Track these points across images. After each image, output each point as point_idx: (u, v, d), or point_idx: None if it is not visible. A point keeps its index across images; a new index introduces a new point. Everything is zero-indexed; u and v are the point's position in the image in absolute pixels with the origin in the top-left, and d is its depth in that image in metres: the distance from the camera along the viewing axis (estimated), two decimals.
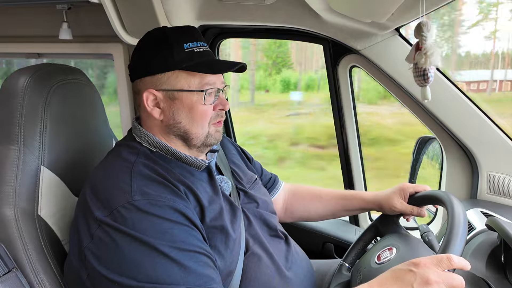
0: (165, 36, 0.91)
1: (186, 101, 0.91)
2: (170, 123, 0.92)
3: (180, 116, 0.91)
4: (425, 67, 0.91)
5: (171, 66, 0.90)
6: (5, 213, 0.86)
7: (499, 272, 0.99)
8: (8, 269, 0.83)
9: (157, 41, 0.92)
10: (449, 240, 0.80)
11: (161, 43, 0.91)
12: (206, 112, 0.93)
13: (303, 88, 9.29)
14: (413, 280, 0.71)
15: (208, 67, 0.91)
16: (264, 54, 9.06)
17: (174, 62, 0.89)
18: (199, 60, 0.91)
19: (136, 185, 0.80)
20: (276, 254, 1.00)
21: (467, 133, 1.36)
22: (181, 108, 0.91)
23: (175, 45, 0.90)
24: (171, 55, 0.89)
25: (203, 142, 0.95)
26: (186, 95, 0.90)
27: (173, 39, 0.90)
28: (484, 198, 1.39)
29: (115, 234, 0.76)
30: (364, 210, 1.27)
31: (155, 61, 0.91)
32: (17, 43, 1.77)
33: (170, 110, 0.91)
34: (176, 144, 0.95)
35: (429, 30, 0.90)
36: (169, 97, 0.91)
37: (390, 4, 0.98)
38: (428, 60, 0.90)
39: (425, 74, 0.92)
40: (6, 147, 0.91)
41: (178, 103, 0.91)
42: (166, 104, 0.91)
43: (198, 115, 0.92)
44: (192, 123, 0.92)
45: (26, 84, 0.92)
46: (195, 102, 0.91)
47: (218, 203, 0.91)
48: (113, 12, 1.28)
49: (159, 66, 0.90)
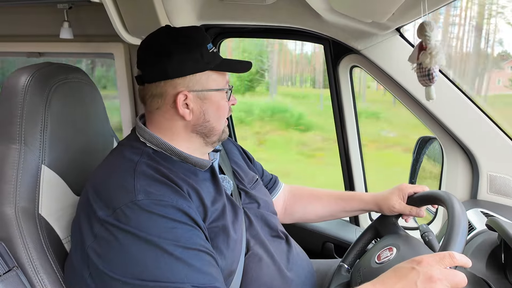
0: (191, 38, 0.91)
1: (215, 100, 0.94)
2: (199, 123, 0.94)
3: (209, 114, 0.94)
4: (430, 66, 0.91)
5: (202, 67, 0.92)
6: (5, 212, 0.86)
7: (499, 272, 0.99)
8: (9, 268, 0.83)
9: (183, 43, 0.90)
10: (449, 238, 0.80)
11: (189, 44, 0.90)
12: (227, 109, 0.98)
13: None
14: (417, 278, 0.71)
15: (231, 67, 0.97)
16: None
17: (204, 63, 0.91)
18: (220, 61, 0.94)
19: (140, 184, 0.80)
20: (277, 255, 1.00)
21: (467, 133, 1.36)
22: (210, 107, 0.94)
23: (203, 46, 0.92)
24: (201, 56, 0.91)
25: (218, 137, 0.99)
26: (215, 94, 0.94)
27: (200, 41, 0.92)
28: (484, 198, 1.39)
29: (119, 233, 0.76)
30: (363, 211, 1.27)
31: (187, 63, 0.90)
32: (18, 42, 1.77)
33: (200, 110, 0.93)
34: (195, 142, 0.96)
35: (432, 29, 0.90)
36: (199, 97, 0.92)
37: (391, 4, 0.98)
38: (433, 60, 0.90)
39: (430, 73, 0.92)
40: (7, 146, 0.91)
41: (208, 103, 0.93)
42: (196, 104, 0.92)
43: (223, 112, 0.97)
44: (218, 120, 0.97)
45: (27, 83, 0.92)
46: (221, 100, 0.95)
47: (221, 202, 0.92)
48: (114, 12, 1.29)
49: (191, 68, 0.90)
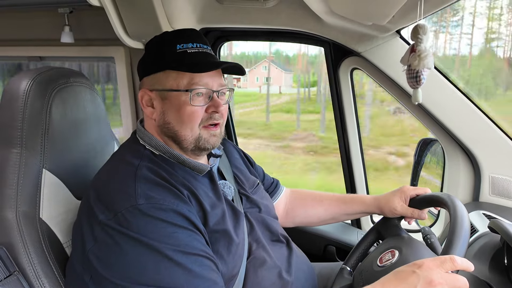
0: (161, 38, 0.95)
1: (174, 101, 0.91)
2: (161, 123, 0.93)
3: (169, 116, 0.92)
4: (418, 69, 0.92)
5: (161, 66, 0.92)
6: (6, 216, 0.86)
7: (502, 274, 0.98)
8: (10, 272, 0.83)
9: (154, 44, 0.95)
10: (451, 241, 0.80)
11: (157, 45, 0.94)
12: (194, 114, 0.90)
13: None
14: (417, 282, 0.70)
15: (195, 66, 0.90)
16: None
17: (164, 62, 0.91)
18: (189, 61, 0.90)
19: (141, 189, 0.80)
20: (277, 259, 0.99)
21: (469, 135, 1.36)
22: (170, 108, 0.91)
23: (166, 46, 0.92)
24: (162, 56, 0.91)
25: (195, 145, 0.93)
26: (175, 95, 0.91)
27: (166, 41, 0.93)
28: (486, 200, 1.39)
29: (119, 237, 0.76)
30: (365, 213, 1.27)
31: (150, 62, 0.94)
32: (19, 46, 1.78)
33: (161, 110, 0.93)
34: (172, 146, 0.95)
35: (425, 33, 0.90)
36: (160, 97, 0.93)
37: (390, 7, 0.98)
38: (421, 63, 0.90)
39: (418, 76, 0.93)
40: (8, 150, 0.91)
41: (168, 103, 0.92)
42: (158, 104, 0.93)
43: (185, 116, 0.90)
44: (180, 124, 0.91)
45: (28, 87, 0.92)
46: (183, 102, 0.90)
47: (220, 208, 0.91)
48: (114, 16, 1.29)
49: (152, 67, 0.93)
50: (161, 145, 0.92)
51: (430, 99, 1.35)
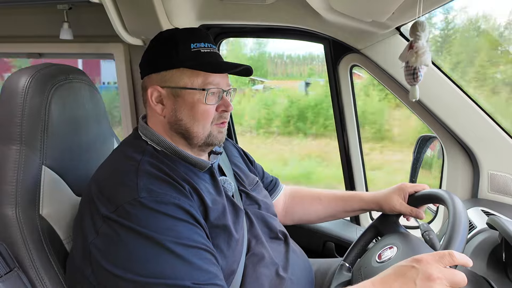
0: (173, 36, 0.94)
1: (188, 99, 0.92)
2: (172, 120, 0.94)
3: (181, 113, 0.93)
4: (415, 66, 0.92)
5: (175, 64, 0.91)
6: (6, 213, 0.87)
7: (500, 270, 0.99)
8: (10, 268, 0.84)
9: (165, 40, 0.94)
10: (450, 237, 0.80)
11: (168, 42, 0.93)
12: (208, 112, 0.93)
13: None
14: (416, 276, 0.71)
15: (211, 67, 0.93)
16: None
17: (178, 60, 0.91)
18: (203, 60, 0.92)
19: (142, 183, 0.81)
20: (275, 256, 1.00)
21: (468, 132, 1.36)
22: (183, 105, 0.92)
23: (181, 43, 0.92)
24: (176, 53, 0.91)
25: (204, 141, 0.95)
26: (188, 93, 0.92)
27: (179, 38, 0.93)
28: (485, 197, 1.39)
29: (121, 229, 0.76)
30: (364, 210, 1.27)
31: (162, 59, 0.93)
32: (18, 43, 1.78)
33: (172, 107, 0.93)
34: (179, 142, 0.95)
35: (423, 30, 0.90)
36: (173, 94, 0.92)
37: (390, 4, 0.98)
38: (418, 59, 0.90)
39: (415, 73, 0.93)
40: (8, 147, 0.91)
41: (180, 101, 0.92)
42: (169, 101, 0.93)
43: (199, 114, 0.92)
44: (193, 121, 0.93)
45: (27, 84, 0.92)
46: (197, 100, 0.92)
47: (221, 204, 0.92)
48: (113, 12, 1.29)
49: (165, 64, 0.92)
50: (164, 140, 0.93)
51: (429, 96, 1.35)
